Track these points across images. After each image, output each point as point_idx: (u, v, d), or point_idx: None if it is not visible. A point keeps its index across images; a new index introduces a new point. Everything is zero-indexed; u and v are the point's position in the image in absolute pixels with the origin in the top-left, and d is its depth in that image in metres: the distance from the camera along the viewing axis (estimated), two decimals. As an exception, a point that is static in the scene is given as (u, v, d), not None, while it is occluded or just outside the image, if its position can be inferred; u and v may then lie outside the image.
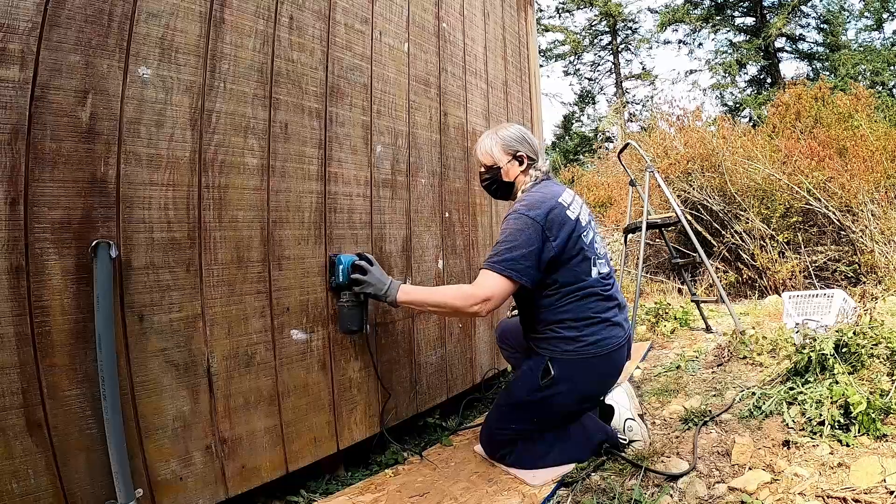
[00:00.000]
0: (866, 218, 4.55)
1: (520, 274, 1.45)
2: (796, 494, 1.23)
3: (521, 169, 1.69)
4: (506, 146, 1.68)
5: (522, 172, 1.69)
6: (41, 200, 1.02)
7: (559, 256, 1.50)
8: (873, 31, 15.00)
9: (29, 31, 0.99)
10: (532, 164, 1.70)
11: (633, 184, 3.69)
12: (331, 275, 1.57)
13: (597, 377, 1.58)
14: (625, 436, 1.61)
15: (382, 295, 1.51)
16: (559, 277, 1.52)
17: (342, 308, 1.56)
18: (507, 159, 1.68)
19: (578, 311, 1.53)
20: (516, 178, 1.70)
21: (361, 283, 1.52)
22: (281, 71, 1.46)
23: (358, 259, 1.56)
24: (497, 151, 1.69)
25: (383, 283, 1.51)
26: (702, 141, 6.11)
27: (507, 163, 1.68)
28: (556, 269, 1.52)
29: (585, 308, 1.53)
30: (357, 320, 1.57)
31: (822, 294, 3.06)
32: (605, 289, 1.59)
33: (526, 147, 1.69)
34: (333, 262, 1.57)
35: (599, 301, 1.56)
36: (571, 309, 1.53)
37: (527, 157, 1.68)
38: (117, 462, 1.05)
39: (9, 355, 0.97)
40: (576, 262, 1.53)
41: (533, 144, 1.71)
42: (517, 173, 1.69)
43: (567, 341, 1.53)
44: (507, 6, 2.77)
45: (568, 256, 1.52)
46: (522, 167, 1.69)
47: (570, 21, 20.67)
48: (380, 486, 1.53)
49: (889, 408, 1.47)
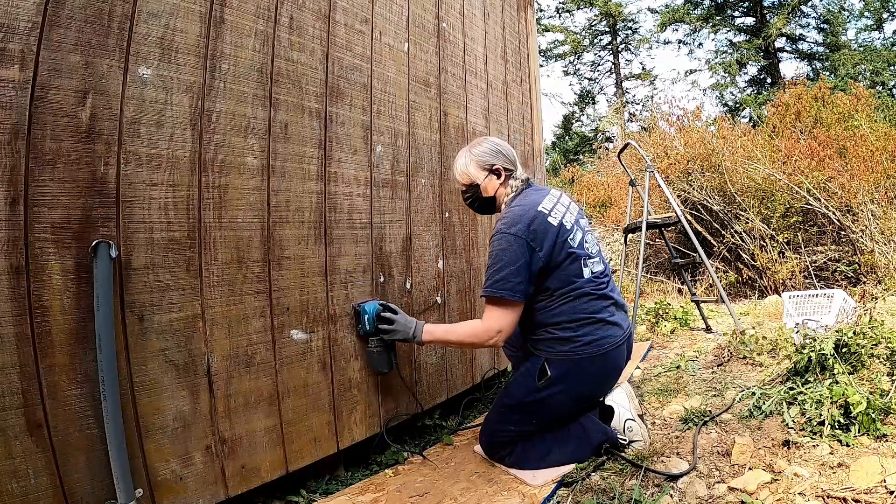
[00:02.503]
0: (866, 218, 4.55)
1: (512, 292, 1.47)
2: (796, 494, 1.23)
3: (499, 182, 1.68)
4: (480, 162, 1.68)
5: (501, 185, 1.69)
6: (41, 200, 1.01)
7: (547, 265, 1.52)
8: (873, 31, 15.02)
9: (29, 31, 0.99)
10: (510, 175, 1.69)
11: (633, 184, 3.69)
12: (357, 323, 1.65)
13: (594, 377, 1.58)
14: (625, 436, 1.61)
15: (410, 338, 1.61)
16: (550, 283, 1.54)
17: (371, 353, 1.67)
18: (484, 175, 1.68)
19: (572, 312, 1.53)
20: (496, 192, 1.70)
21: (390, 332, 1.61)
22: (281, 71, 1.46)
23: (382, 309, 1.64)
24: (473, 169, 1.69)
25: (409, 327, 1.61)
26: (702, 141, 6.11)
27: (485, 178, 1.68)
28: (546, 276, 1.53)
29: (579, 308, 1.53)
30: (386, 362, 1.69)
31: (822, 294, 3.06)
32: (599, 287, 1.58)
33: (501, 159, 1.68)
34: (358, 311, 1.64)
35: (593, 300, 1.55)
36: (565, 310, 1.53)
37: (503, 168, 1.68)
38: (117, 462, 1.05)
39: (9, 355, 0.97)
40: (565, 265, 1.54)
41: (508, 155, 1.71)
42: (496, 186, 1.69)
43: (562, 342, 1.53)
44: (507, 6, 2.77)
45: (556, 263, 1.53)
46: (500, 179, 1.68)
47: (570, 21, 20.69)
48: (380, 486, 1.53)
49: (889, 408, 1.47)
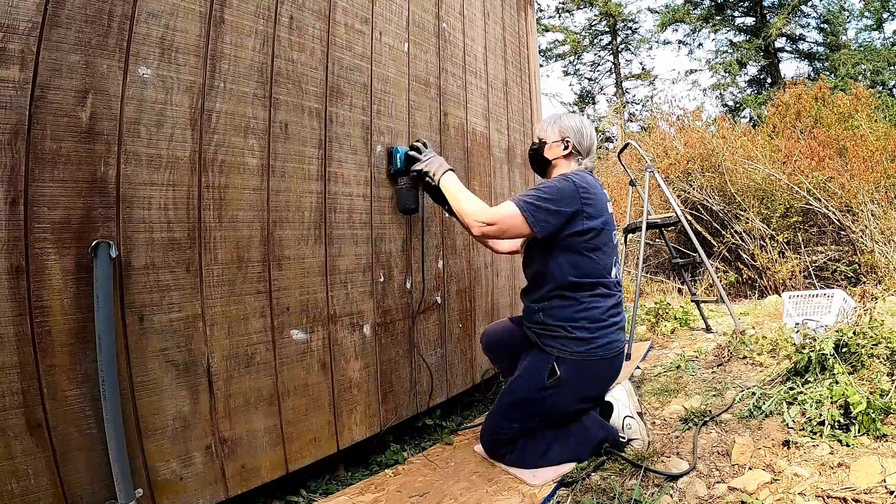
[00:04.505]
0: (866, 218, 4.56)
1: (535, 219, 1.49)
2: (796, 494, 1.23)
3: (563, 153, 1.72)
4: (561, 128, 1.73)
5: (564, 157, 1.73)
6: (41, 200, 1.01)
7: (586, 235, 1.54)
8: (873, 31, 15.01)
9: (29, 31, 0.99)
10: (576, 155, 1.73)
11: (633, 184, 3.69)
12: (388, 163, 1.79)
13: (602, 379, 1.64)
14: (623, 434, 1.61)
15: (431, 175, 1.67)
16: (584, 264, 1.56)
17: (401, 191, 1.78)
18: (555, 139, 1.73)
19: (598, 313, 1.57)
20: (555, 159, 1.74)
21: (417, 161, 1.71)
22: (281, 71, 1.46)
23: (409, 149, 1.77)
24: (551, 130, 1.75)
25: (434, 163, 1.68)
26: (702, 141, 6.11)
27: (554, 142, 1.73)
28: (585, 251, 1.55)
29: (602, 310, 1.58)
30: (414, 199, 1.79)
31: (822, 294, 3.06)
32: (618, 292, 1.66)
33: (577, 137, 1.72)
34: (391, 152, 1.79)
35: (614, 306, 1.62)
36: (591, 309, 1.57)
37: (573, 145, 1.71)
38: (117, 462, 1.05)
39: (9, 355, 0.97)
40: (602, 253, 1.58)
41: (586, 139, 1.73)
42: (558, 155, 1.73)
43: (579, 342, 1.55)
44: (507, 6, 2.77)
45: (597, 243, 1.56)
46: (565, 152, 1.72)
47: (570, 21, 20.66)
48: (380, 486, 1.53)
49: (889, 408, 1.47)
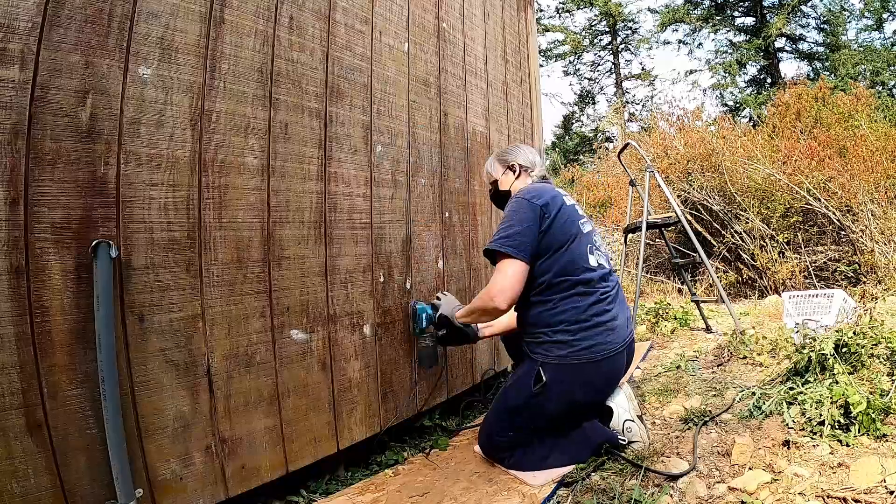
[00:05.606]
0: (866, 218, 4.56)
1: (516, 249, 1.50)
2: (796, 494, 1.23)
3: (514, 177, 1.80)
4: (501, 160, 1.83)
5: (517, 179, 1.80)
6: (41, 200, 1.01)
7: (551, 230, 1.54)
8: (873, 31, 15.00)
9: (29, 31, 0.99)
10: (526, 171, 1.80)
11: (633, 184, 3.69)
12: (414, 322, 1.87)
13: (589, 383, 1.55)
14: (624, 437, 1.61)
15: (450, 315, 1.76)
16: (557, 263, 1.54)
17: (425, 349, 1.90)
18: (502, 171, 1.82)
19: (575, 314, 1.51)
20: (511, 186, 1.80)
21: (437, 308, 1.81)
22: (281, 71, 1.46)
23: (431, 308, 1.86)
24: (494, 168, 1.85)
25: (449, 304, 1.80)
26: (702, 141, 6.11)
27: (502, 174, 1.82)
28: (552, 250, 1.54)
29: (581, 310, 1.52)
30: (436, 357, 1.94)
31: (822, 294, 3.06)
32: (606, 290, 1.58)
33: (521, 158, 1.81)
34: (415, 310, 1.86)
35: (595, 303, 1.54)
36: (568, 310, 1.52)
37: (519, 165, 1.80)
38: (117, 462, 1.05)
39: (9, 355, 0.97)
40: (573, 244, 1.56)
41: (526, 154, 1.82)
42: (511, 181, 1.80)
43: (559, 345, 1.51)
44: (507, 6, 2.77)
45: (565, 237, 1.55)
46: (516, 174, 1.80)
47: (570, 21, 20.68)
48: (380, 486, 1.53)
49: (889, 408, 1.47)
